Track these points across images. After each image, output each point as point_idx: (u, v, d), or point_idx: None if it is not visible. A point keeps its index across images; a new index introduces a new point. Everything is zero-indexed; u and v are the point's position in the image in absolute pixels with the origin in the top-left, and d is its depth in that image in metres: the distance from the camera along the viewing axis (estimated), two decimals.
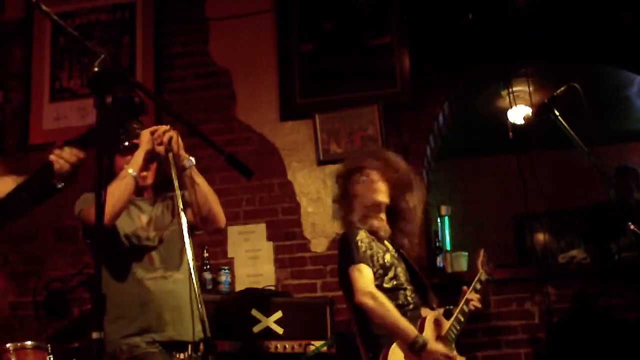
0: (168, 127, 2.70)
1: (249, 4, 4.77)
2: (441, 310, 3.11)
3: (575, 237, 6.33)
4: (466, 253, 4.37)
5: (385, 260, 3.03)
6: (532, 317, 4.10)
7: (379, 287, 2.95)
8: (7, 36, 4.98)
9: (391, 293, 2.97)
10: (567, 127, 2.86)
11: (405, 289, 3.03)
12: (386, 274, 3.01)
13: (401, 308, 2.94)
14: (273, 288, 4.23)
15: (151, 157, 2.75)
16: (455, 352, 2.96)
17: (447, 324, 3.00)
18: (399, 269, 3.07)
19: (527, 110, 5.95)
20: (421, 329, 2.90)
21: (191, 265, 2.38)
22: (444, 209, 4.67)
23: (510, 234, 7.42)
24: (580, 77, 3.17)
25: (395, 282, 3.01)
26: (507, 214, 7.17)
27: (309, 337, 3.62)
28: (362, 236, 3.02)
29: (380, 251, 3.05)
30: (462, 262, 4.36)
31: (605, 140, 6.31)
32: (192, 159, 2.75)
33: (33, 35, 4.93)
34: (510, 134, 4.53)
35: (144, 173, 2.84)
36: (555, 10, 4.39)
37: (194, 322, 2.76)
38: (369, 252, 2.99)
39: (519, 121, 5.90)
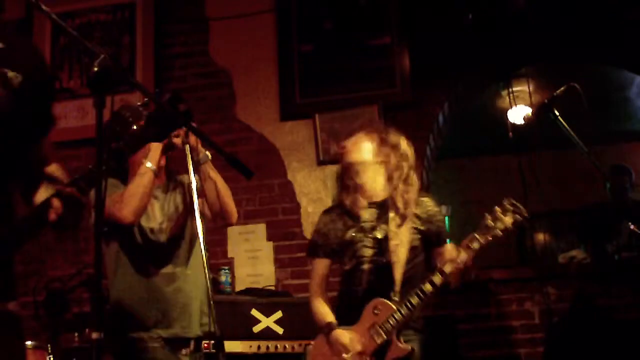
0: None
1: (249, 4, 4.78)
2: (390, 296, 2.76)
3: (575, 237, 6.33)
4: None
5: (345, 237, 2.81)
6: (532, 317, 4.10)
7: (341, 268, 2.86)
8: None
9: (350, 276, 2.81)
10: (567, 127, 2.86)
11: (362, 270, 2.76)
12: (345, 254, 2.82)
13: (351, 294, 2.80)
14: (273, 288, 4.23)
15: (167, 148, 2.75)
16: (395, 342, 2.67)
17: (386, 313, 2.68)
18: (359, 245, 2.78)
19: (527, 110, 5.95)
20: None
21: (204, 260, 2.42)
22: (444, 209, 4.65)
23: (510, 234, 7.40)
24: (580, 77, 3.17)
25: (355, 262, 2.79)
26: None
27: (309, 337, 3.60)
28: (322, 220, 2.93)
29: (343, 228, 2.84)
30: None
31: (605, 140, 6.32)
32: (208, 153, 2.72)
33: (33, 36, 4.92)
34: (510, 134, 4.53)
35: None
36: (555, 10, 4.39)
37: (201, 318, 2.77)
38: (323, 230, 2.88)
39: (519, 121, 5.90)
